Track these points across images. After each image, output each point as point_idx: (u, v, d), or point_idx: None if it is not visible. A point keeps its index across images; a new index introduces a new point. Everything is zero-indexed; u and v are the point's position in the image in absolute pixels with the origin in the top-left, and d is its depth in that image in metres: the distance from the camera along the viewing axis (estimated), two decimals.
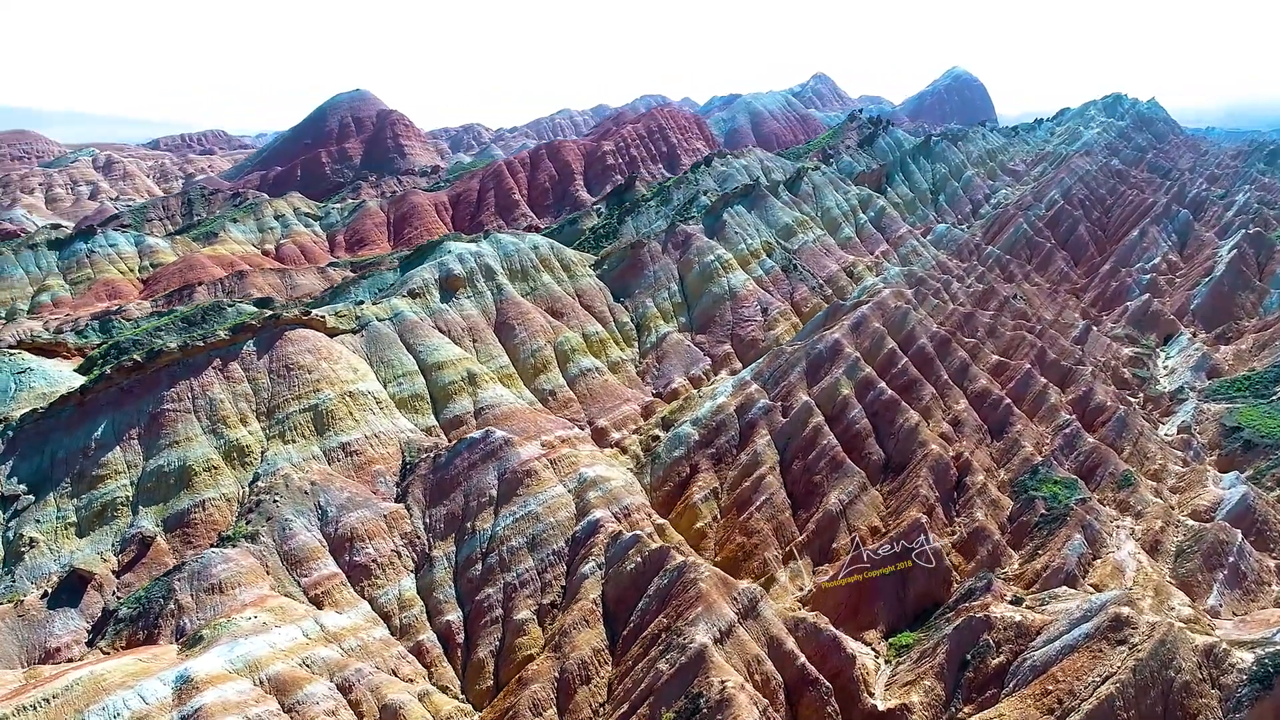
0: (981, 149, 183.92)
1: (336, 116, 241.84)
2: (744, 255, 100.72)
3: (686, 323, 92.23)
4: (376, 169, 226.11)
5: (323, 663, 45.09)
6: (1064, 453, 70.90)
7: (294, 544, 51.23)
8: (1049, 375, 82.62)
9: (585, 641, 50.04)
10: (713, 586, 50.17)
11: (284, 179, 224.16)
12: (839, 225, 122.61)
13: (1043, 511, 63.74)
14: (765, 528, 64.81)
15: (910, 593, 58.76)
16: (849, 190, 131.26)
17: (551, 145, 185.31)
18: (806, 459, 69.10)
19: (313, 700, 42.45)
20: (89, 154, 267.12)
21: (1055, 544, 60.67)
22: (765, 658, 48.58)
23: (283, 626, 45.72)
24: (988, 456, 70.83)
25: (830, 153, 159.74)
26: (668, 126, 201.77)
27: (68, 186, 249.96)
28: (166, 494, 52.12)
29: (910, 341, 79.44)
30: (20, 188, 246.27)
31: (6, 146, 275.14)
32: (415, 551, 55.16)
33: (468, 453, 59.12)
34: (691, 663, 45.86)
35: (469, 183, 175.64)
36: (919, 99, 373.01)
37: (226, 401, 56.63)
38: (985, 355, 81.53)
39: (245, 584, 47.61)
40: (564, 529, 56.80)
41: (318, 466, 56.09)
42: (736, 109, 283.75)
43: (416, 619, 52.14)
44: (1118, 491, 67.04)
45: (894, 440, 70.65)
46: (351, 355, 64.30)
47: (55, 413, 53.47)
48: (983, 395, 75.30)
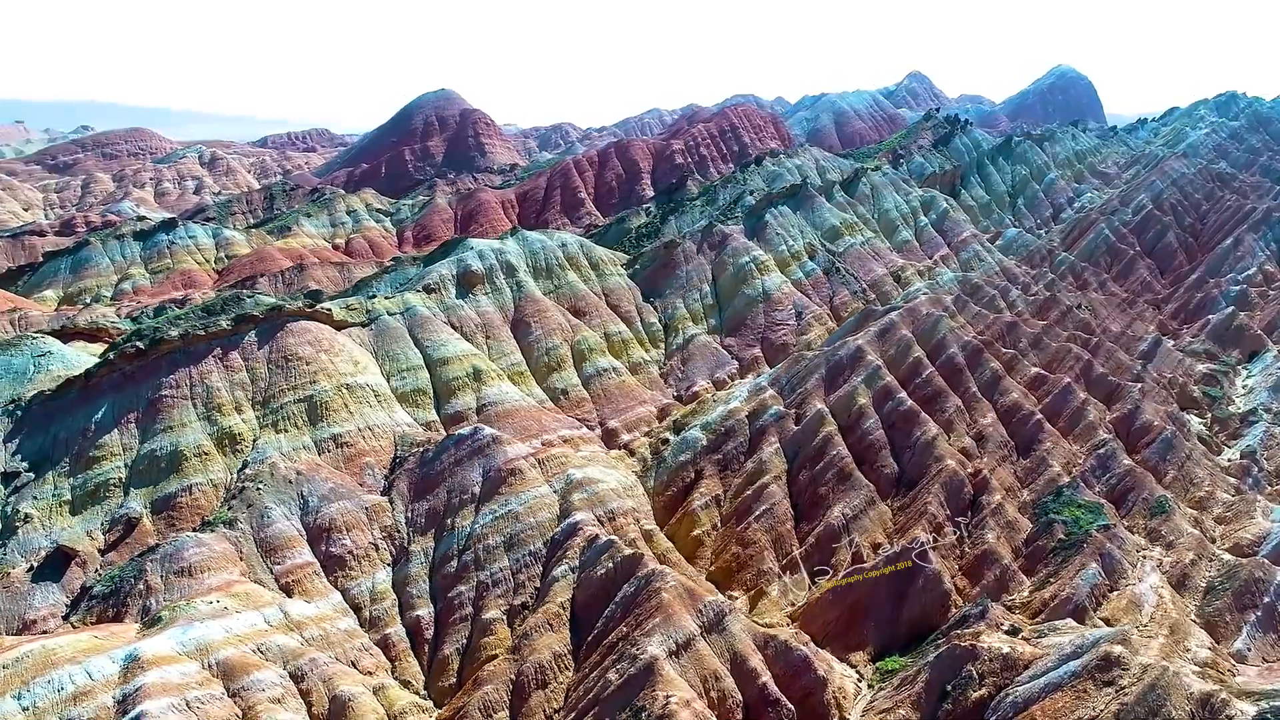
0: (1070, 150, 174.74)
1: (421, 115, 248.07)
2: (784, 257, 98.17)
3: (717, 325, 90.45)
4: (456, 167, 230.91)
5: (278, 650, 45.71)
6: (1096, 474, 66.21)
7: (270, 532, 52.23)
8: (1095, 391, 77.42)
9: (546, 645, 49.33)
10: (676, 597, 48.70)
11: (369, 175, 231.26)
12: (896, 228, 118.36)
13: (1060, 536, 59.61)
14: (763, 539, 62.75)
15: (905, 615, 55.83)
16: (911, 192, 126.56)
17: (620, 144, 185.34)
18: (814, 469, 66.62)
19: (259, 687, 43.05)
20: (196, 151, 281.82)
21: (1068, 572, 56.64)
22: (725, 674, 46.85)
23: (243, 612, 46.57)
24: (1011, 475, 66.78)
25: (901, 153, 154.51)
26: (741, 126, 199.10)
27: (175, 181, 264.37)
28: (157, 477, 53.99)
29: (940, 350, 75.70)
30: (133, 182, 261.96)
31: (124, 143, 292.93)
32: (394, 545, 55.54)
33: (455, 449, 59.20)
34: (639, 675, 44.58)
35: (537, 181, 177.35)
36: (1020, 98, 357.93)
37: (223, 390, 58.30)
38: (1024, 367, 76.98)
39: (214, 569, 48.76)
40: (544, 530, 56.23)
41: (307, 457, 57.10)
42: (820, 108, 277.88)
43: (387, 612, 52.45)
44: (1149, 519, 62.15)
45: (909, 454, 67.42)
46: (356, 348, 65.33)
47: (61, 395, 56.12)
48: (1013, 409, 71.07)
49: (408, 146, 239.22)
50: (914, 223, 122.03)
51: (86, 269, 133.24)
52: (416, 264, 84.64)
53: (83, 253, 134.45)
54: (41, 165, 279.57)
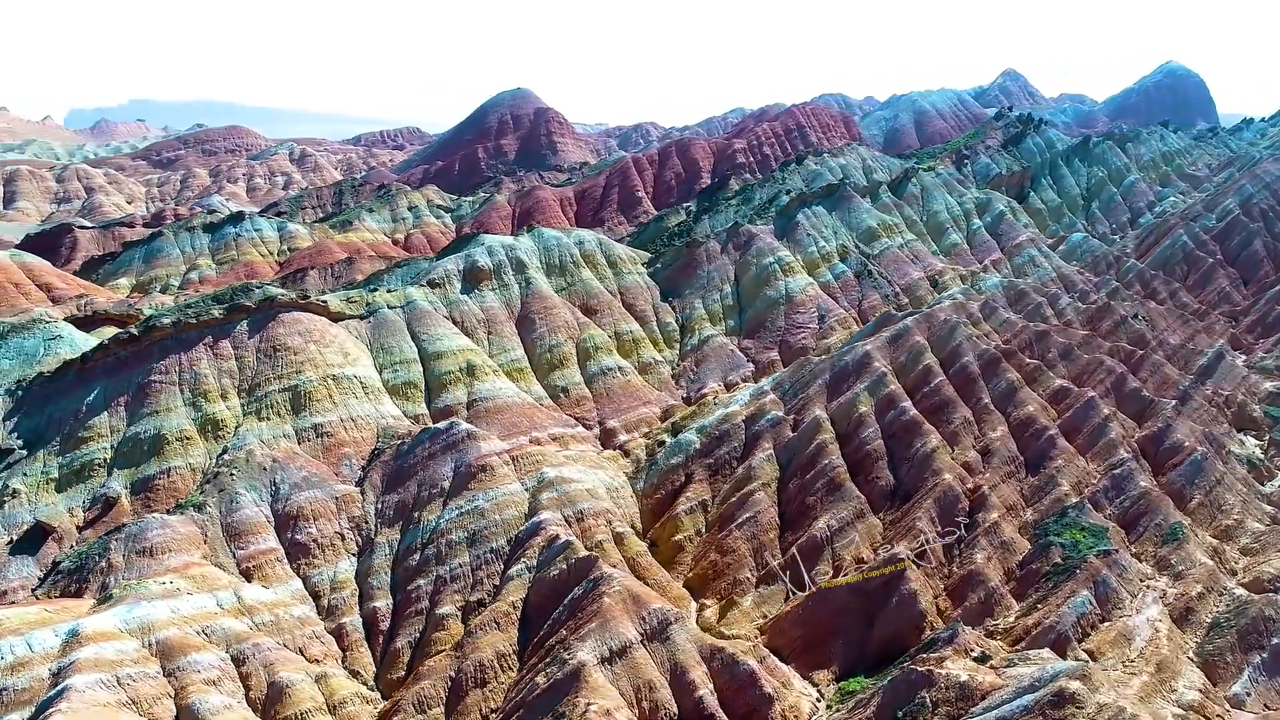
0: (1156, 151, 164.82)
1: (497, 114, 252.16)
2: (813, 258, 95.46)
3: (736, 326, 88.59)
4: (527, 164, 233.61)
5: (222, 633, 46.70)
6: (1108, 495, 61.88)
7: (238, 517, 53.49)
8: (1126, 406, 72.46)
9: (489, 644, 48.99)
10: (618, 602, 47.65)
11: (443, 172, 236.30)
12: (945, 231, 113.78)
13: (1057, 560, 55.90)
14: (742, 547, 60.97)
15: (877, 634, 53.31)
16: (965, 194, 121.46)
17: (680, 143, 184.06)
18: (804, 478, 64.38)
19: (195, 668, 44.04)
20: (287, 148, 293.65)
21: (1056, 599, 53.03)
22: (662, 685, 45.57)
23: (194, 594, 47.76)
24: (1016, 493, 63.03)
25: (966, 153, 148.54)
26: (808, 124, 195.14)
27: (266, 177, 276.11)
28: (139, 459, 56.02)
29: (954, 359, 72.14)
30: (227, 178, 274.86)
31: (222, 140, 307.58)
32: (361, 535, 56.16)
33: (429, 443, 59.48)
34: (565, 680, 43.77)
35: (596, 179, 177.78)
36: (1123, 97, 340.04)
37: (210, 377, 60.11)
38: (1047, 379, 72.61)
39: (176, 550, 50.21)
40: (509, 528, 55.94)
41: (285, 445, 58.31)
42: (899, 107, 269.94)
43: (345, 602, 53.04)
44: (1160, 546, 57.68)
45: (907, 466, 64.45)
46: (349, 340, 66.45)
47: (59, 377, 58.87)
48: (1026, 423, 67.10)
49: (482, 144, 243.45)
50: (965, 226, 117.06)
51: (158, 259, 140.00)
52: (430, 259, 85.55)
53: (155, 243, 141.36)
54: (147, 161, 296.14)
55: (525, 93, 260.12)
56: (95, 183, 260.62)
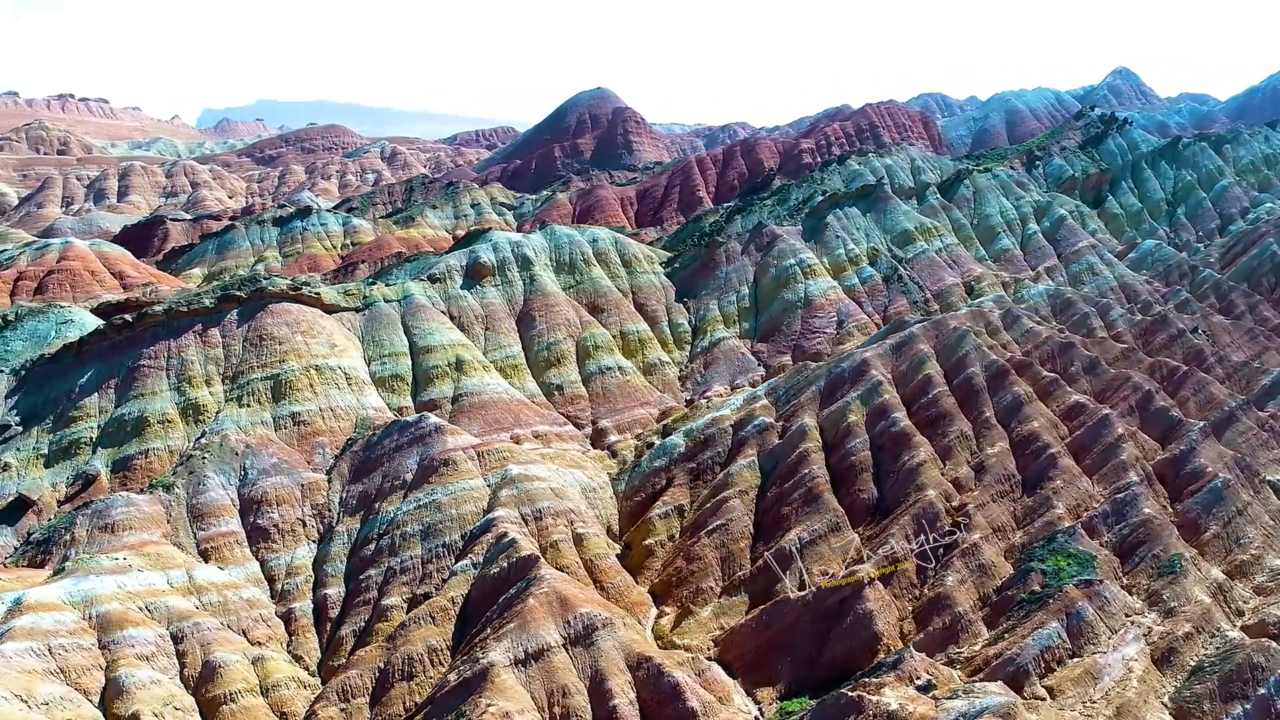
0: (1257, 154, 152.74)
1: (575, 113, 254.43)
2: (840, 261, 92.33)
3: (751, 329, 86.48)
4: (602, 164, 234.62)
5: (165, 610, 48.25)
6: (1107, 521, 57.36)
7: (202, 499, 55.26)
8: (1150, 427, 67.13)
9: (421, 638, 49.05)
10: (543, 604, 46.95)
11: (520, 171, 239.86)
12: (996, 235, 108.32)
13: (1035, 588, 52.16)
14: (710, 555, 59.36)
15: (828, 654, 50.97)
16: (1024, 197, 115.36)
17: (745, 142, 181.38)
18: (782, 487, 62.20)
19: (130, 642, 45.65)
20: (379, 146, 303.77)
21: (1024, 629, 49.50)
22: (579, 692, 44.65)
23: (145, 571, 49.53)
24: (1008, 513, 59.20)
25: (1039, 154, 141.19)
26: (880, 124, 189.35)
27: (357, 174, 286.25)
28: (121, 439, 58.58)
29: (960, 369, 68.40)
30: (321, 174, 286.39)
31: (320, 139, 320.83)
32: (322, 523, 57.20)
33: (398, 435, 60.11)
34: (474, 679, 43.38)
35: (658, 179, 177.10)
36: (1246, 96, 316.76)
37: (196, 363, 62.34)
38: (1062, 394, 68.00)
39: (137, 528, 52.21)
40: (465, 523, 55.95)
41: (261, 432, 59.94)
42: (990, 107, 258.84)
43: (299, 587, 54.07)
44: (1155, 579, 53.09)
45: (892, 479, 61.45)
46: (339, 331, 67.85)
47: (58, 359, 62.15)
48: (1028, 440, 62.97)
49: (558, 143, 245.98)
50: (1020, 230, 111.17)
51: (229, 251, 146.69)
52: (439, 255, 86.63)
53: (227, 235, 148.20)
54: (251, 158, 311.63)
55: (605, 92, 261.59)
56: (200, 178, 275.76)
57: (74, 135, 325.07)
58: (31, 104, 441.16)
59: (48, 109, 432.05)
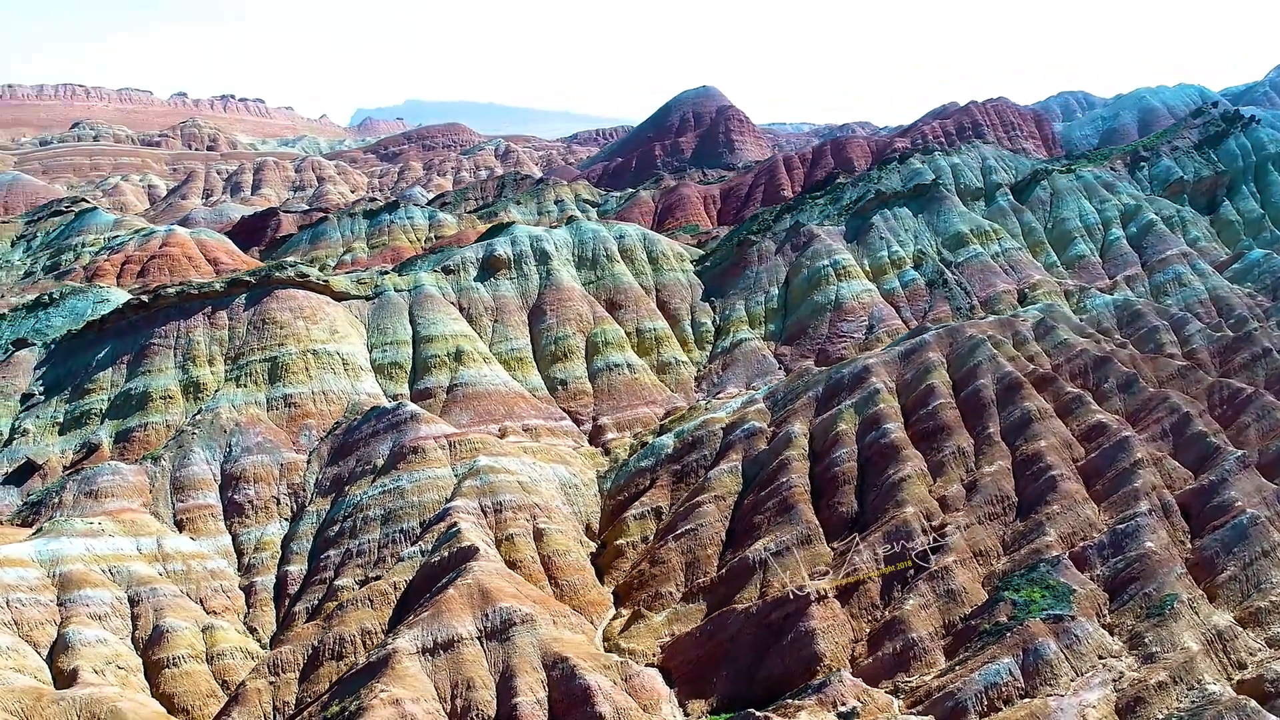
0: None
1: (679, 112, 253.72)
2: (881, 263, 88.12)
3: (776, 331, 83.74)
4: (701, 163, 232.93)
5: (127, 574, 51.03)
6: (1102, 552, 52.19)
7: (186, 472, 58.16)
8: (1184, 453, 60.58)
9: (356, 619, 49.87)
10: (463, 596, 46.86)
11: (620, 169, 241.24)
12: (1071, 240, 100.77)
13: (1001, 619, 48.12)
14: (675, 560, 57.86)
15: (765, 670, 48.69)
16: (1109, 200, 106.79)
17: (837, 141, 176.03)
18: (759, 495, 59.88)
19: (85, 601, 48.54)
20: (495, 144, 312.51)
21: (977, 662, 45.73)
22: (484, 686, 44.34)
23: (115, 537, 52.55)
24: (994, 537, 54.79)
25: (1144, 155, 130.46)
26: (985, 123, 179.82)
27: (471, 171, 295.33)
28: (126, 412, 62.38)
29: (969, 380, 63.87)
30: (437, 171, 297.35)
31: (440, 137, 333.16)
32: (296, 502, 59.11)
33: (375, 421, 61.42)
34: (376, 664, 43.77)
35: (744, 177, 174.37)
36: None
37: (202, 344, 65.64)
38: (1084, 413, 62.35)
39: (119, 495, 55.48)
40: (426, 510, 56.60)
41: (253, 411, 62.55)
42: (1121, 106, 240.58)
43: (264, 562, 56.10)
44: (1141, 620, 47.86)
45: (875, 493, 58.06)
46: (343, 318, 69.96)
47: (83, 335, 66.77)
48: (1030, 460, 58.08)
49: (659, 142, 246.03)
50: (1100, 236, 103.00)
51: (321, 241, 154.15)
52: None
53: (321, 226, 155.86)
54: (376, 154, 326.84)
55: (710, 90, 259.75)
56: (326, 173, 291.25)
57: (223, 133, 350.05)
58: (198, 104, 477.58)
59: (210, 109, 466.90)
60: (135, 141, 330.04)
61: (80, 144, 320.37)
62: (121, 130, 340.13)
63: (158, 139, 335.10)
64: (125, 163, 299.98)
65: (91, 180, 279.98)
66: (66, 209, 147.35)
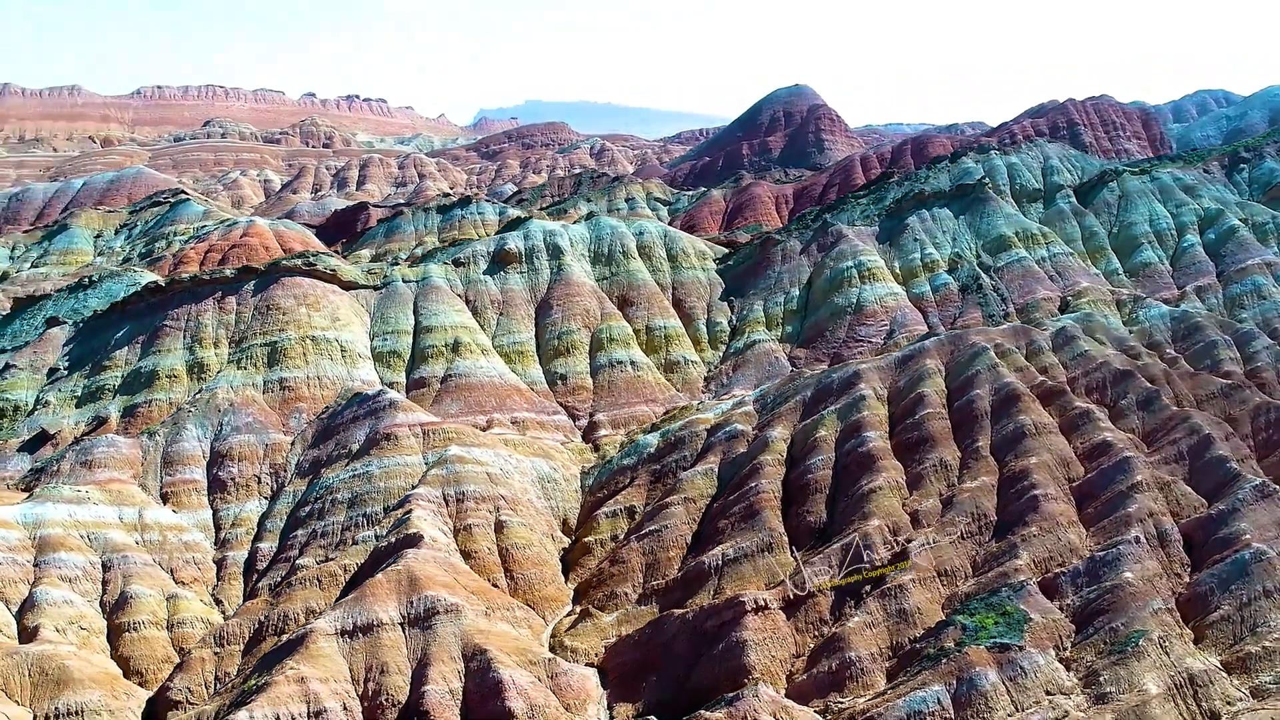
0: None
1: (769, 111, 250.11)
2: (913, 266, 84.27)
3: (794, 333, 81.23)
4: (789, 163, 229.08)
5: (104, 541, 53.95)
6: (1077, 580, 48.18)
7: (177, 448, 61.02)
8: (1199, 479, 55.22)
9: (302, 598, 51.15)
10: (390, 581, 47.36)
11: (707, 169, 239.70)
12: (1137, 246, 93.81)
13: (946, 644, 45.10)
14: (635, 561, 56.94)
15: (694, 679, 47.31)
16: (1187, 204, 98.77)
17: (918, 140, 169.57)
18: (727, 499, 58.19)
19: (58, 564, 51.57)
20: (590, 143, 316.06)
21: (906, 688, 43.00)
22: (399, 671, 44.73)
23: (99, 505, 55.64)
24: (964, 556, 51.39)
25: (1245, 156, 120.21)
26: (1082, 122, 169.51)
27: (566, 169, 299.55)
28: (135, 389, 65.90)
29: (964, 391, 60.18)
30: (533, 169, 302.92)
31: (540, 135, 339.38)
32: (276, 482, 61.11)
33: (357, 407, 62.85)
34: (294, 642, 44.76)
35: (818, 177, 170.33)
36: None
37: (209, 327, 68.66)
38: (1091, 430, 57.73)
39: (110, 467, 58.72)
40: (391, 496, 57.52)
41: (248, 393, 65.07)
42: (1251, 104, 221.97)
43: (239, 538, 58.25)
44: (1101, 655, 43.88)
45: (845, 503, 55.46)
46: (346, 306, 71.88)
47: (107, 315, 70.96)
48: (1015, 478, 54.19)
49: (748, 141, 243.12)
50: (1173, 241, 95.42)
51: (395, 235, 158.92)
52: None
53: (396, 220, 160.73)
54: (477, 152, 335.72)
55: (803, 89, 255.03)
56: (427, 170, 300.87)
57: (338, 130, 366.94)
58: (324, 104, 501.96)
59: (336, 108, 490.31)
60: (258, 139, 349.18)
61: (209, 141, 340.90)
62: (246, 128, 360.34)
63: (278, 136, 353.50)
64: (246, 158, 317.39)
65: (215, 174, 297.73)
66: (164, 200, 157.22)
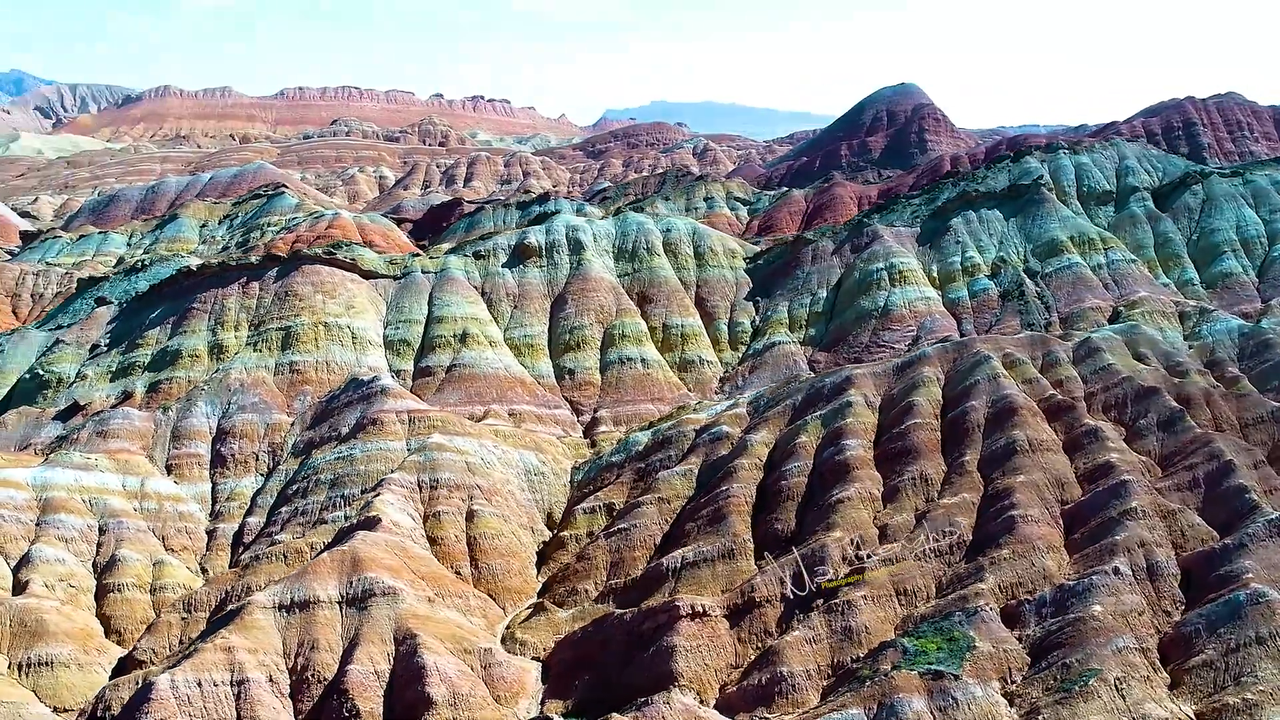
0: None
1: (872, 110, 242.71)
2: (952, 269, 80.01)
3: (818, 336, 78.46)
4: (887, 164, 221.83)
5: (104, 506, 57.47)
6: (1042, 610, 44.43)
7: (186, 423, 64.34)
8: (1212, 509, 49.90)
9: (266, 573, 52.87)
10: (333, 561, 48.45)
11: (804, 169, 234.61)
12: (1219, 255, 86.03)
13: (884, 667, 42.45)
14: (600, 558, 56.36)
15: (624, 680, 46.37)
16: None
17: (1014, 139, 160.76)
18: (698, 501, 56.72)
19: (56, 525, 55.28)
20: (694, 143, 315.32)
21: (824, 710, 40.72)
22: (329, 649, 45.81)
23: (105, 473, 59.32)
24: (929, 575, 48.23)
25: None
26: (1201, 122, 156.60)
27: (667, 168, 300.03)
28: (160, 366, 69.82)
29: (959, 402, 56.51)
30: (635, 169, 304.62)
31: (644, 135, 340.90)
32: (273, 460, 63.57)
33: (352, 392, 64.62)
34: (233, 613, 46.36)
35: (904, 178, 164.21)
36: None
37: (232, 311, 71.98)
38: (1096, 450, 53.11)
39: (122, 437, 62.46)
40: (369, 479, 58.83)
41: (259, 374, 67.95)
42: None
43: (231, 512, 60.92)
44: (1047, 693, 40.23)
45: (814, 513, 53.08)
46: (363, 294, 73.99)
47: (147, 296, 75.49)
48: (997, 496, 50.46)
49: (848, 141, 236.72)
50: (1261, 250, 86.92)
51: (475, 229, 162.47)
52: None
53: (476, 215, 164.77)
54: (583, 151, 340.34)
55: (909, 88, 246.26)
56: (531, 168, 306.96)
57: (453, 129, 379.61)
58: (451, 104, 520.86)
59: (461, 108, 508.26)
60: (379, 137, 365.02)
61: (334, 139, 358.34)
62: (370, 126, 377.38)
63: (398, 134, 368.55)
64: (365, 155, 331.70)
65: (335, 170, 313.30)
66: (263, 193, 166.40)
